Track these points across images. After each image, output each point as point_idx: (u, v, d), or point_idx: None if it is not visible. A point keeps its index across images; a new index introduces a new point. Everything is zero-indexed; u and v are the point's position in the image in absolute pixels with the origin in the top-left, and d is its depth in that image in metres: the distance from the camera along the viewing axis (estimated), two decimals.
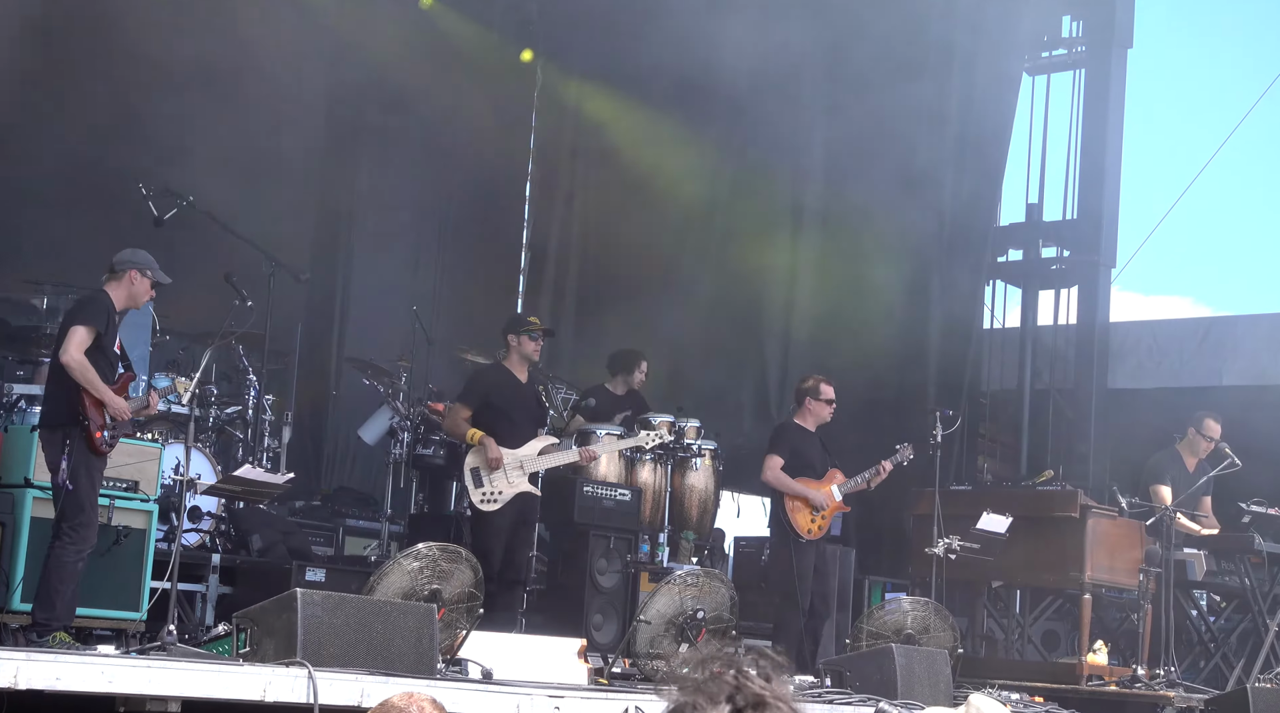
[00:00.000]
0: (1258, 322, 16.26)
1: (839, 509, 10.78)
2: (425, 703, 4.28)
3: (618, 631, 10.23)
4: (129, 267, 8.26)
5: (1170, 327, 16.83)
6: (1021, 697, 10.02)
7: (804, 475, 10.71)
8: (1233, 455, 11.64)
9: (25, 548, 8.52)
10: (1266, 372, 15.47)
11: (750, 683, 2.34)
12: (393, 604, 7.35)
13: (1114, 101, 15.75)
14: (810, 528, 10.64)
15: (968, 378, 15.06)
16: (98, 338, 8.03)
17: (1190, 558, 11.67)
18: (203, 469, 9.99)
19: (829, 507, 10.70)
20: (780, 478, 10.68)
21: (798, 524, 10.62)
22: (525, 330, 10.25)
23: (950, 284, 14.99)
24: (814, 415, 10.93)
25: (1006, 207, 16.14)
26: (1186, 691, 10.74)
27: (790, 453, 10.76)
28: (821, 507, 10.67)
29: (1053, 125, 16.04)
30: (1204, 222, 32.12)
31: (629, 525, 10.86)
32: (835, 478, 10.78)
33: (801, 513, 10.65)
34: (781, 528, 10.73)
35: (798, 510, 10.66)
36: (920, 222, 14.68)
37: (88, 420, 7.92)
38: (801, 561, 10.60)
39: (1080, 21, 16.12)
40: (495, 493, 9.85)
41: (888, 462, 10.84)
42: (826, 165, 14.72)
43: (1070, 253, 15.84)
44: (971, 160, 15.05)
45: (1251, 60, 29.43)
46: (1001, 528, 10.90)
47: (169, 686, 6.14)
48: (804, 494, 10.63)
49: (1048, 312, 15.97)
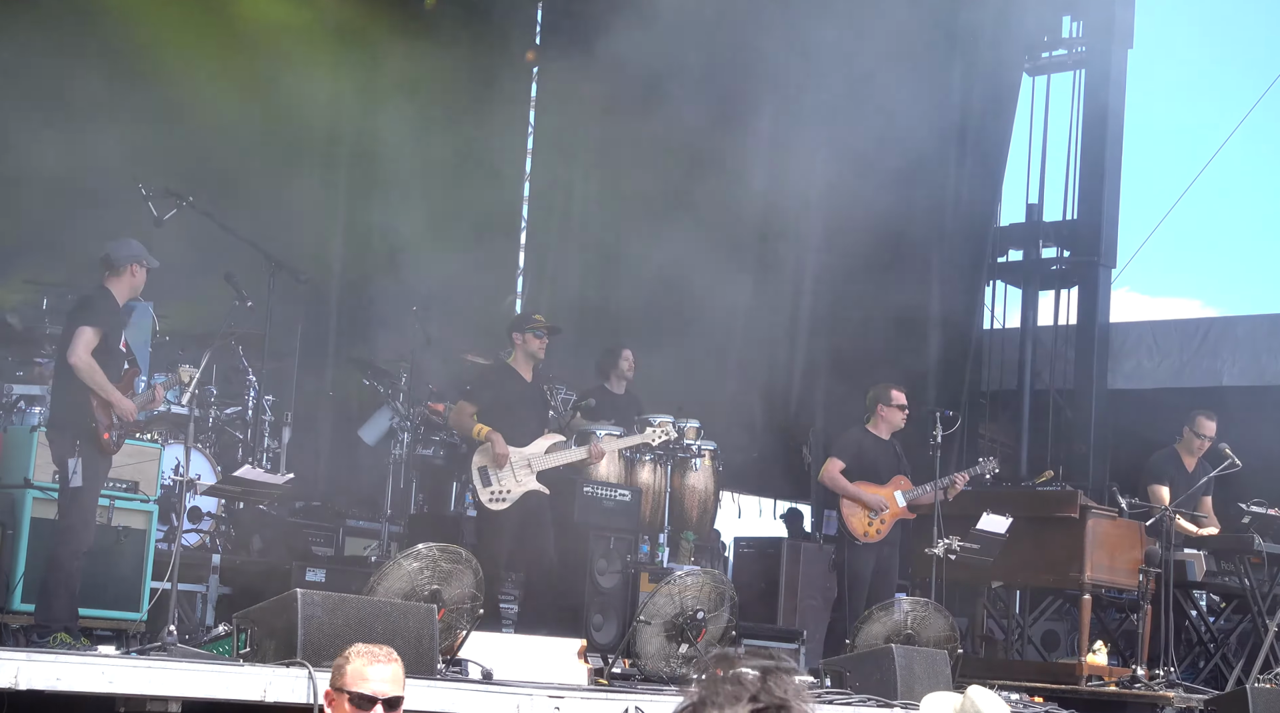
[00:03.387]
0: (1258, 322, 16.25)
1: (901, 515, 10.86)
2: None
3: (618, 631, 10.23)
4: (128, 261, 8.29)
5: (1170, 327, 16.82)
6: (1021, 697, 10.01)
7: (866, 480, 10.81)
8: (1233, 456, 11.63)
9: (25, 548, 8.53)
10: (1266, 372, 15.47)
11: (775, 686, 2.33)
12: (393, 605, 7.35)
13: (1114, 102, 15.76)
14: (867, 531, 10.75)
15: (968, 378, 15.05)
16: (104, 337, 8.05)
17: (1190, 558, 11.66)
18: (203, 470, 10.00)
19: (887, 511, 10.77)
20: (836, 480, 10.81)
21: (853, 527, 10.75)
22: (531, 328, 10.25)
23: (950, 284, 14.98)
24: (886, 422, 11.02)
25: (1006, 207, 16.16)
26: (1186, 691, 10.73)
27: (854, 458, 10.89)
28: (878, 510, 10.73)
29: (1053, 125, 16.06)
30: (1205, 222, 32.11)
31: (629, 526, 10.87)
32: (900, 484, 10.86)
33: (857, 516, 10.76)
34: (840, 531, 10.88)
35: (854, 513, 10.77)
36: (920, 222, 14.67)
37: (95, 422, 7.94)
38: (855, 563, 10.73)
39: (1080, 21, 16.12)
40: (504, 492, 9.85)
41: (964, 473, 10.93)
42: (827, 164, 14.71)
43: (1070, 253, 15.85)
44: (971, 160, 15.05)
45: (1252, 60, 29.44)
46: (1001, 529, 10.90)
47: (169, 686, 6.14)
48: (858, 496, 10.75)
49: (1048, 312, 16.00)
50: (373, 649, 5.15)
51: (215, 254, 10.66)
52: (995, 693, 6.35)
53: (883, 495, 10.81)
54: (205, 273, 10.16)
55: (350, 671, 5.05)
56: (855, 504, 10.78)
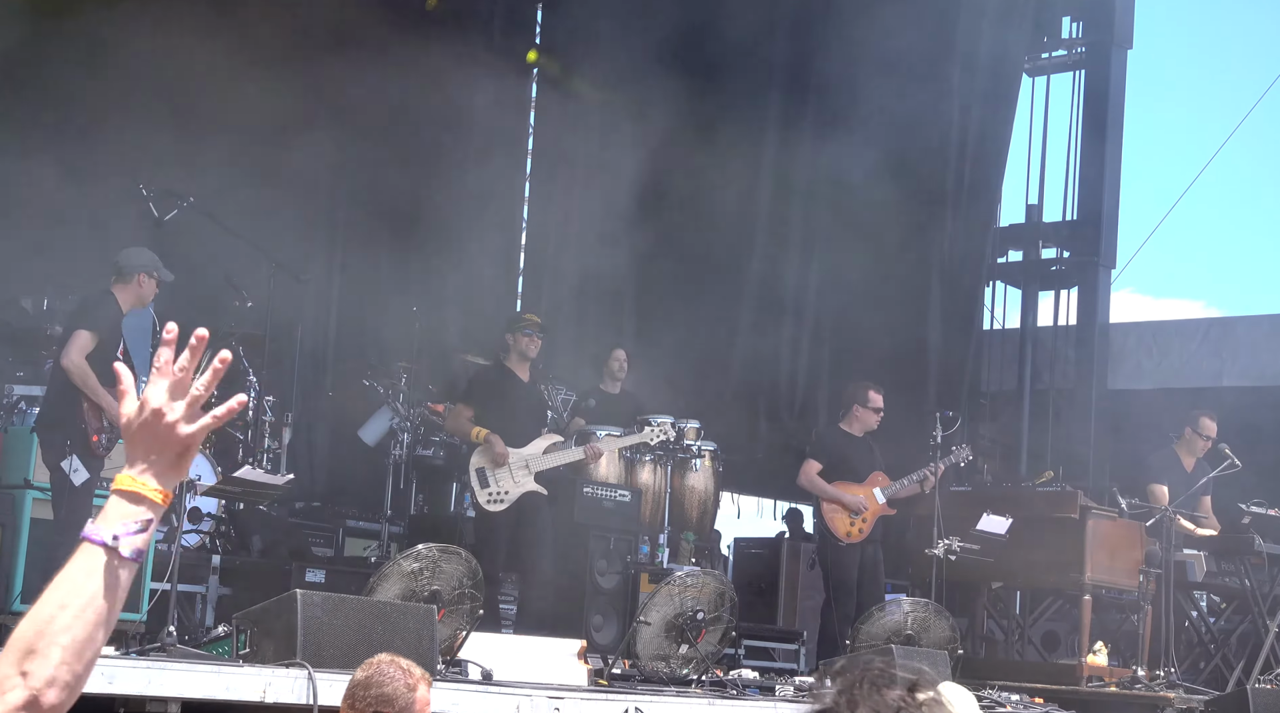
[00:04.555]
0: (1258, 322, 16.26)
1: (881, 512, 10.85)
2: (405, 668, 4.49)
3: (618, 631, 10.23)
4: (137, 270, 8.26)
5: (1170, 327, 16.83)
6: (1021, 698, 10.01)
7: (844, 480, 10.78)
8: (1232, 456, 11.63)
9: (25, 549, 8.53)
10: (1266, 372, 15.47)
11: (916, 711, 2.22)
12: (393, 605, 7.35)
13: (1114, 102, 15.75)
14: (850, 531, 10.73)
15: (968, 378, 15.05)
16: (100, 343, 8.03)
17: (1190, 559, 11.66)
18: (203, 470, 9.99)
19: (868, 510, 10.76)
20: (814, 481, 10.78)
21: (835, 528, 10.72)
22: (522, 328, 10.27)
23: (950, 284, 14.98)
24: (860, 422, 11.01)
25: (1006, 207, 16.16)
26: (1186, 692, 10.73)
27: (829, 457, 10.86)
28: (859, 510, 10.72)
29: (1052, 126, 16.07)
30: (1207, 223, 32.17)
31: (629, 526, 10.87)
32: (878, 481, 10.83)
33: (839, 516, 10.74)
34: (822, 532, 10.82)
35: (835, 514, 10.75)
36: (920, 222, 14.67)
37: (85, 425, 7.93)
38: (840, 564, 10.71)
39: (1080, 22, 16.12)
40: (501, 493, 9.85)
41: (939, 463, 10.90)
42: (827, 164, 14.71)
43: (1070, 254, 15.84)
44: (971, 161, 15.05)
45: (1251, 60, 29.46)
46: (1001, 529, 10.90)
47: (169, 686, 6.14)
48: (837, 497, 10.72)
49: (1047, 312, 15.99)
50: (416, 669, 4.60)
51: (215, 255, 10.67)
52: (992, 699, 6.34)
53: (862, 495, 10.77)
54: (205, 273, 10.15)
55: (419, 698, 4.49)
56: (835, 505, 10.74)
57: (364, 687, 4.49)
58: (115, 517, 2.25)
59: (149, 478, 2.27)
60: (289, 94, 12.47)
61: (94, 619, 2.24)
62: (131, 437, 2.28)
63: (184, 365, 2.28)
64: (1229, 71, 30.18)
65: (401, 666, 4.55)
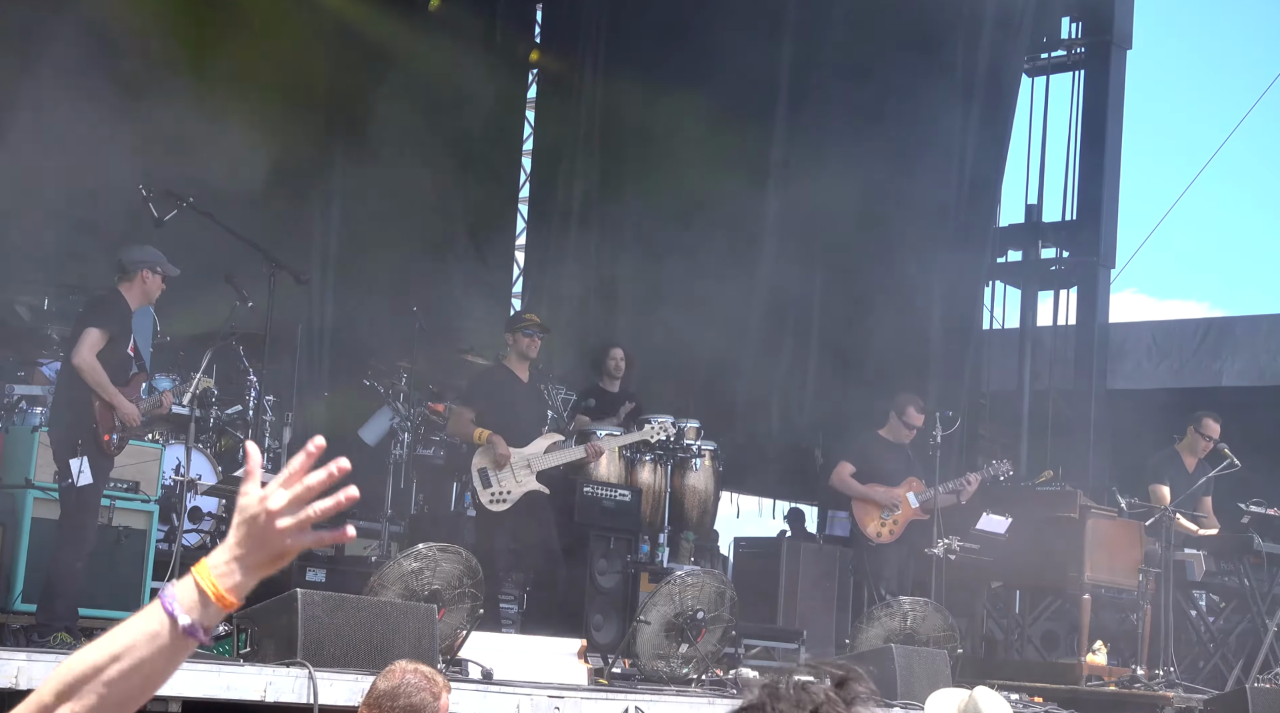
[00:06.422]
0: (1258, 322, 16.26)
1: (914, 516, 10.91)
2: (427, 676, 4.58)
3: (618, 631, 10.24)
4: (141, 266, 8.27)
5: (1170, 327, 16.83)
6: (1021, 697, 10.02)
7: (877, 483, 10.86)
8: (1232, 456, 11.63)
9: (26, 549, 8.53)
10: (1266, 372, 15.48)
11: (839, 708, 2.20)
12: (393, 605, 7.36)
13: (1113, 102, 15.75)
14: (880, 531, 10.80)
15: (968, 378, 15.05)
16: (111, 340, 8.04)
17: (1190, 558, 11.67)
18: (203, 470, 10.00)
19: (900, 511, 10.81)
20: (845, 482, 10.89)
21: (867, 529, 10.79)
22: (522, 328, 10.28)
23: (950, 284, 14.98)
24: (898, 431, 11.09)
25: (1006, 207, 16.15)
26: (1186, 691, 10.74)
27: (863, 461, 10.95)
28: (891, 509, 10.78)
29: (1052, 126, 16.05)
30: (1208, 223, 32.19)
31: (629, 526, 10.87)
32: (912, 485, 10.90)
33: (870, 517, 10.82)
34: (855, 535, 10.99)
35: (866, 514, 10.82)
36: (921, 221, 14.67)
37: (97, 424, 7.93)
38: (877, 565, 10.81)
39: (1080, 22, 16.11)
40: (504, 493, 9.87)
41: (976, 474, 10.98)
42: (827, 164, 14.72)
43: (1070, 254, 15.84)
44: (971, 161, 15.05)
45: (1251, 60, 29.46)
46: (1001, 529, 10.92)
47: (169, 685, 6.13)
48: (868, 495, 10.81)
49: (1047, 312, 15.99)
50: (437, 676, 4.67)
51: (215, 254, 10.66)
52: (1001, 695, 6.32)
53: (894, 495, 10.86)
54: (205, 273, 10.15)
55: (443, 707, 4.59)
56: (867, 505, 10.82)
57: (390, 697, 4.54)
58: (190, 603, 2.25)
59: (234, 569, 2.28)
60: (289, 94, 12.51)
61: (140, 683, 2.25)
62: (239, 523, 2.30)
63: (313, 486, 2.32)
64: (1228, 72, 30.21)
65: (425, 673, 4.64)
